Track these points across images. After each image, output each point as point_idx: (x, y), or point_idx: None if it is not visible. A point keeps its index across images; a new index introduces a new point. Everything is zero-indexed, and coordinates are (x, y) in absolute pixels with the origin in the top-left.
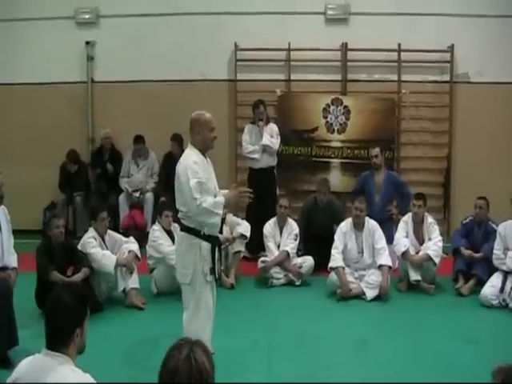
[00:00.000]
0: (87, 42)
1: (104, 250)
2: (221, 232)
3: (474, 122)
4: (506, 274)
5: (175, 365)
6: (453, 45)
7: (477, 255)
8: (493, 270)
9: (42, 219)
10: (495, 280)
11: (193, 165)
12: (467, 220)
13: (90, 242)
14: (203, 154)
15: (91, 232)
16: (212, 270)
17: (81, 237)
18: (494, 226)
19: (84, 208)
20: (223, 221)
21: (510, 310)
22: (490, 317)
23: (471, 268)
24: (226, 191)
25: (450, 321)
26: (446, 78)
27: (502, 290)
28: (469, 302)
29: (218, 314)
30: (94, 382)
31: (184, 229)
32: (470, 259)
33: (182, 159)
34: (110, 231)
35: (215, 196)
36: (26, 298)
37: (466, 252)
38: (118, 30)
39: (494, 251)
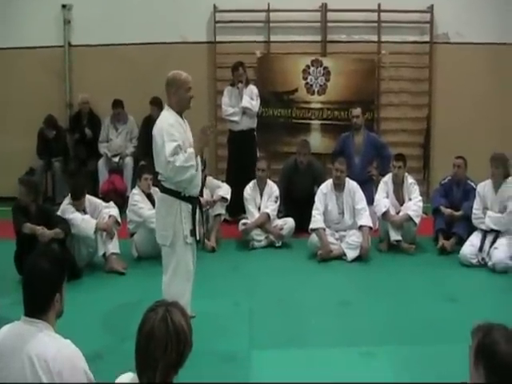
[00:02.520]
0: (63, 5)
1: (83, 215)
2: (201, 195)
3: (454, 82)
4: (485, 233)
5: (151, 326)
6: (432, 5)
7: (457, 213)
8: (472, 228)
9: None
10: (474, 239)
11: (168, 127)
12: (446, 180)
13: (68, 207)
14: (180, 115)
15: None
16: (192, 232)
17: (60, 203)
18: (472, 184)
19: (63, 174)
20: (203, 184)
21: (489, 268)
22: (470, 275)
23: (451, 227)
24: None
25: (431, 280)
26: (426, 38)
27: (480, 248)
28: (449, 261)
29: (199, 278)
30: (75, 347)
31: (164, 190)
32: (451, 218)
33: (158, 121)
34: (88, 196)
35: None
36: (4, 265)
37: (447, 211)
38: None
39: (474, 211)
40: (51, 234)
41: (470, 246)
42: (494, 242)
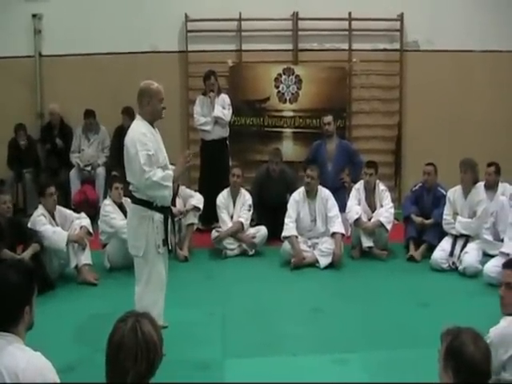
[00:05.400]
0: (34, 15)
1: (54, 226)
2: (174, 204)
3: (424, 89)
4: (455, 237)
5: (121, 336)
6: (402, 13)
7: (427, 222)
8: (443, 235)
9: None
10: (445, 244)
11: (141, 136)
12: (416, 187)
13: (39, 219)
14: (152, 124)
15: (40, 209)
16: (164, 242)
17: (31, 214)
18: (442, 191)
19: (34, 185)
20: (176, 193)
21: (460, 272)
22: (441, 280)
23: (422, 235)
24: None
25: (403, 285)
26: (396, 46)
27: (451, 253)
28: (420, 266)
29: (172, 287)
30: (45, 359)
31: (136, 201)
32: (421, 226)
33: (129, 131)
34: (59, 207)
35: (164, 168)
36: None
37: (417, 219)
38: (66, 1)
39: (444, 216)
40: (29, 253)
41: (441, 251)
42: (464, 246)
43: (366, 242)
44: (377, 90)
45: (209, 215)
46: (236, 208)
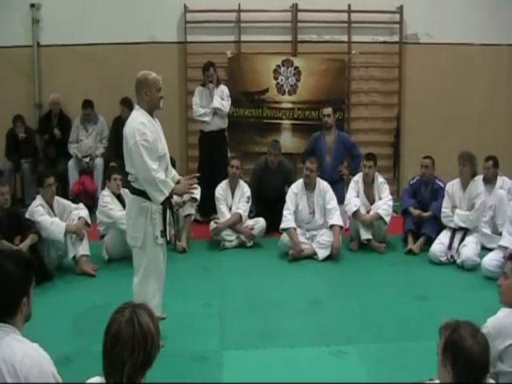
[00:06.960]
0: (32, 5)
1: (52, 217)
2: (172, 196)
3: (423, 82)
4: (453, 231)
5: (118, 328)
6: (402, 6)
7: (425, 214)
8: (441, 228)
9: None
10: (443, 237)
11: (140, 126)
12: (414, 180)
13: (37, 210)
14: (151, 114)
15: (39, 200)
16: (163, 233)
17: (29, 205)
18: (440, 183)
19: (32, 175)
20: None
21: (458, 265)
22: (439, 273)
23: (420, 227)
24: (180, 178)
25: (401, 278)
26: (396, 38)
27: (449, 246)
28: (418, 259)
29: (169, 278)
30: (42, 351)
31: (134, 191)
32: (419, 218)
33: (128, 121)
34: (57, 198)
35: (163, 158)
36: None
37: (415, 212)
38: None
39: (442, 209)
40: (27, 244)
41: (439, 244)
42: (462, 239)
43: (365, 235)
44: (376, 82)
45: (207, 207)
46: (234, 199)
